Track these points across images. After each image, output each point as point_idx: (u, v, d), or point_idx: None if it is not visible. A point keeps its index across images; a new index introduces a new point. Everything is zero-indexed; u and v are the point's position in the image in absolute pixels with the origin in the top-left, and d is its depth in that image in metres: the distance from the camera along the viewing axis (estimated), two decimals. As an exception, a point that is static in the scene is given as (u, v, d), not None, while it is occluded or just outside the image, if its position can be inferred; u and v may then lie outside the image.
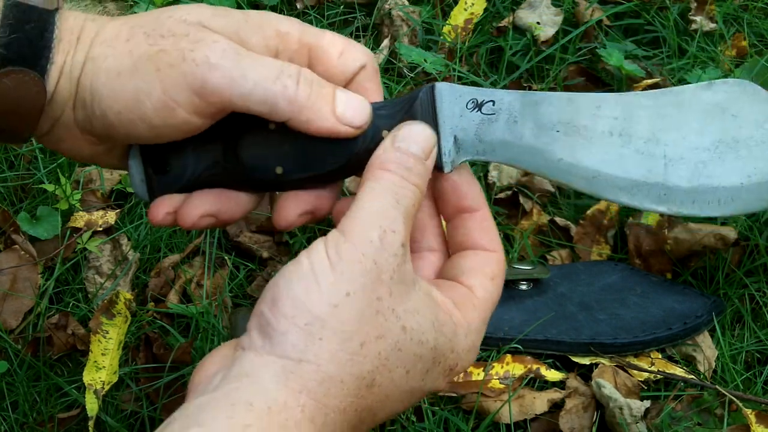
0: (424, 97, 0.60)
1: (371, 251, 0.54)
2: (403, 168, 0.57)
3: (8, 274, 1.11)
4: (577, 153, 0.61)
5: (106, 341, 1.04)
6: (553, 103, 0.61)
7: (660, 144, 0.61)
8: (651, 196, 0.61)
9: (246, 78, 0.56)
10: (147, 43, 0.57)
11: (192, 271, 1.13)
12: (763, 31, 1.48)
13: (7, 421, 0.99)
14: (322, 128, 0.58)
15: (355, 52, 0.62)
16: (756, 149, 0.61)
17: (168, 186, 0.61)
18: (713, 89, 0.62)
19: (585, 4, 1.48)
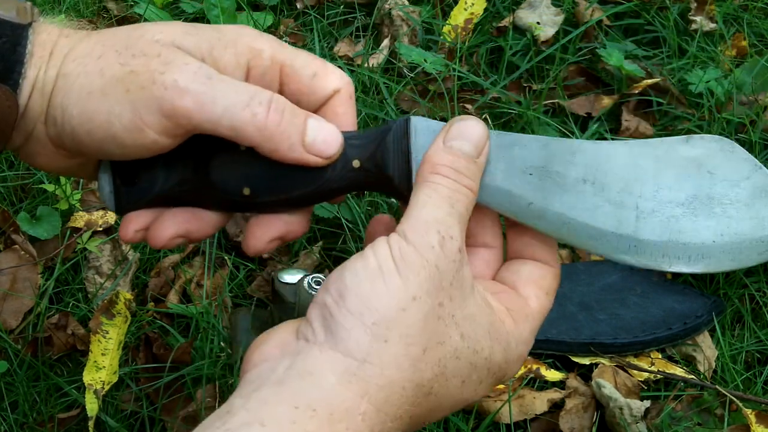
0: (397, 130, 0.60)
1: (433, 257, 0.54)
2: (455, 172, 0.57)
3: (8, 274, 1.11)
4: (548, 198, 0.60)
5: (106, 341, 1.04)
6: (528, 146, 0.60)
7: (633, 195, 0.60)
8: (621, 247, 0.60)
9: (215, 103, 0.56)
10: (118, 63, 0.56)
11: (192, 271, 1.13)
12: (763, 31, 1.48)
13: (7, 421, 0.99)
14: (289, 157, 0.58)
15: (330, 75, 0.61)
16: (730, 208, 0.60)
17: (136, 197, 0.61)
18: (691, 144, 0.61)
19: (585, 4, 1.48)
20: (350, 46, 1.46)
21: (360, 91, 1.34)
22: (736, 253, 0.61)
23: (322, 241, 1.17)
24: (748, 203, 0.60)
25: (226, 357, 1.04)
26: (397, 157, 0.60)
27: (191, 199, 0.61)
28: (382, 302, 0.53)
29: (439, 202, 0.56)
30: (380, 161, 0.60)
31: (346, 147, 0.59)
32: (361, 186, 0.61)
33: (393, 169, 0.60)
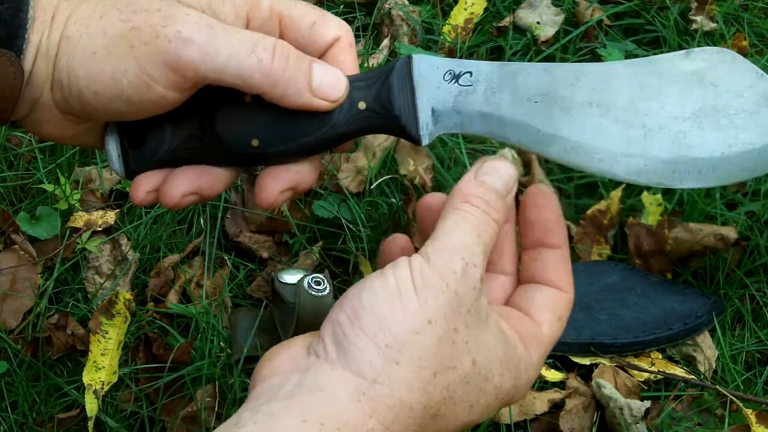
0: (400, 68, 0.60)
1: (453, 282, 0.54)
2: (485, 204, 0.58)
3: (8, 274, 1.11)
4: (555, 124, 0.60)
5: (105, 341, 1.04)
6: (531, 74, 0.60)
7: (639, 114, 0.60)
8: (631, 166, 0.60)
9: (219, 52, 0.56)
10: (120, 20, 0.56)
11: (192, 271, 1.13)
12: (763, 30, 1.48)
13: (6, 421, 0.99)
14: (297, 102, 0.58)
15: (329, 24, 0.61)
16: (736, 118, 0.60)
17: (144, 160, 0.61)
18: (692, 57, 0.61)
19: (585, 4, 1.48)
20: (350, 45, 1.46)
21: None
22: (746, 162, 0.60)
23: (322, 241, 1.17)
24: (753, 112, 0.60)
25: (225, 357, 1.04)
26: (402, 95, 0.60)
27: (200, 156, 0.60)
28: (397, 324, 0.52)
29: (467, 230, 0.56)
30: (386, 101, 0.60)
31: (351, 90, 0.59)
32: (368, 128, 0.61)
33: (399, 107, 0.60)
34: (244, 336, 1.06)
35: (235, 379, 1.01)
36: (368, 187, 1.20)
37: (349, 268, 1.15)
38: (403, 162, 1.22)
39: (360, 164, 1.22)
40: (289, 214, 1.17)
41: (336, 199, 1.19)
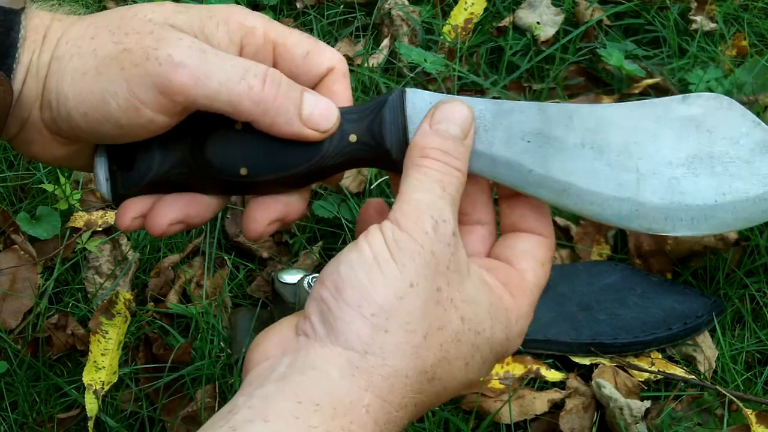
0: (393, 102, 0.59)
1: (428, 242, 0.54)
2: (444, 154, 0.57)
3: (8, 274, 1.11)
4: (547, 164, 0.59)
5: (105, 341, 1.04)
6: (525, 113, 0.60)
7: (633, 158, 0.59)
8: (622, 211, 0.59)
9: (211, 77, 0.55)
10: (111, 42, 0.56)
11: (192, 271, 1.13)
12: (763, 30, 1.48)
13: (6, 421, 0.99)
14: (287, 131, 0.58)
15: (323, 54, 0.61)
16: (731, 166, 0.59)
17: (132, 183, 0.60)
18: (688, 102, 0.60)
19: (585, 4, 1.48)
20: (350, 46, 1.46)
21: (360, 91, 1.34)
22: (740, 211, 0.60)
23: (322, 241, 1.17)
24: (748, 160, 0.60)
25: (226, 357, 1.04)
26: (394, 129, 0.59)
27: (188, 182, 0.60)
28: (379, 292, 0.52)
29: (430, 186, 0.56)
30: (377, 134, 0.59)
31: (342, 121, 0.59)
32: (358, 161, 0.60)
33: (390, 142, 0.59)
34: (244, 336, 1.06)
35: (235, 379, 1.01)
36: (368, 187, 1.20)
37: (349, 268, 1.15)
38: (403, 162, 1.22)
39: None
40: (289, 214, 1.17)
41: (336, 199, 1.19)
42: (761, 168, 0.59)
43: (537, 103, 0.61)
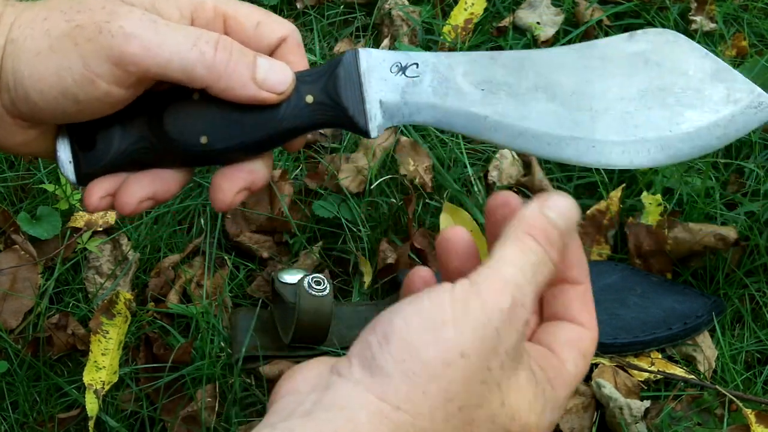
0: (347, 62, 0.60)
1: (497, 319, 0.51)
2: (547, 241, 0.55)
3: (8, 274, 1.11)
4: (502, 110, 0.60)
5: (106, 341, 1.04)
6: (477, 62, 0.61)
7: (585, 97, 0.60)
8: (580, 150, 0.60)
9: (162, 46, 0.56)
10: (64, 20, 0.57)
11: (192, 271, 1.13)
12: (763, 31, 1.48)
13: (7, 421, 1.00)
14: (242, 95, 0.58)
15: (274, 24, 0.61)
16: (683, 96, 0.61)
17: (95, 163, 0.61)
18: (635, 39, 0.61)
19: (585, 4, 1.48)
20: (350, 46, 1.46)
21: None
22: (695, 139, 0.61)
23: (322, 241, 1.17)
24: (699, 89, 0.61)
25: (226, 357, 1.04)
26: (350, 87, 0.60)
27: (150, 157, 0.61)
28: (428, 353, 0.50)
29: (523, 266, 0.53)
30: (333, 93, 0.60)
31: (298, 84, 0.60)
32: (317, 123, 0.61)
33: (346, 99, 0.60)
34: (244, 336, 1.06)
35: (235, 379, 1.01)
36: (368, 187, 1.20)
37: (349, 268, 1.15)
38: (403, 162, 1.22)
39: (360, 164, 1.22)
40: (290, 214, 1.18)
41: (336, 199, 1.19)
42: (712, 95, 0.60)
43: (489, 52, 0.62)
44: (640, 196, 1.20)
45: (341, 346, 1.05)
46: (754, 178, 1.22)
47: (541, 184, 1.23)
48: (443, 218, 1.17)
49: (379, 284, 1.13)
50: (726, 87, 0.61)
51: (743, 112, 0.61)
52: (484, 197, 1.20)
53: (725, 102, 0.61)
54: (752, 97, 0.61)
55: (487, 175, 1.24)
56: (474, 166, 1.24)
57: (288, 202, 1.19)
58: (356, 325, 1.07)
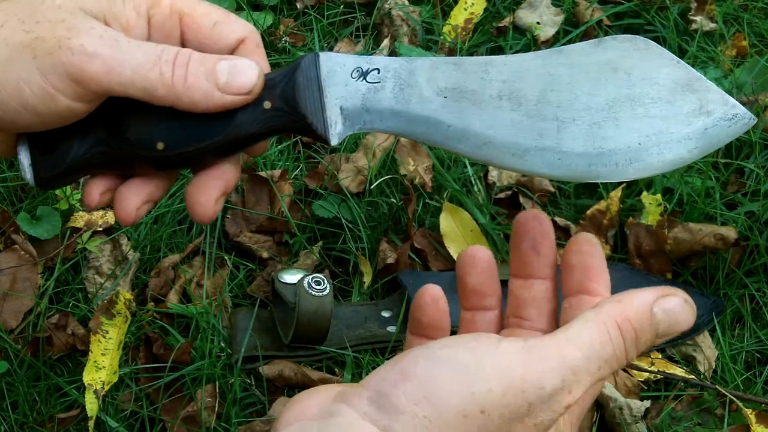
0: (306, 66, 0.59)
1: (534, 395, 0.49)
2: (635, 340, 0.51)
3: (8, 274, 1.11)
4: (466, 119, 0.58)
5: (106, 341, 1.04)
6: (440, 69, 0.59)
7: (551, 106, 0.58)
8: (545, 161, 0.58)
9: (123, 66, 0.55)
10: (22, 30, 0.56)
11: (192, 271, 1.13)
12: (763, 31, 1.48)
13: (7, 421, 0.99)
14: (209, 105, 0.57)
15: (232, 24, 0.60)
16: (653, 107, 0.57)
17: (54, 166, 0.60)
18: (604, 46, 0.59)
19: (585, 4, 1.48)
20: (350, 46, 1.46)
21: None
22: (665, 152, 0.58)
23: (322, 241, 1.17)
24: (669, 100, 0.58)
25: (226, 357, 1.04)
26: (309, 93, 0.59)
27: (109, 161, 0.60)
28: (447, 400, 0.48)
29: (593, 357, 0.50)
30: (291, 99, 0.59)
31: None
32: (276, 128, 0.59)
33: (305, 106, 0.59)
34: (243, 336, 1.06)
35: (235, 379, 1.01)
36: (368, 187, 1.20)
37: (349, 268, 1.15)
38: (403, 162, 1.22)
39: (360, 164, 1.22)
40: (290, 214, 1.18)
41: (336, 199, 1.19)
42: (683, 107, 0.58)
43: (453, 57, 0.60)
44: (640, 196, 1.20)
45: (340, 347, 1.05)
46: (754, 178, 1.22)
47: (541, 185, 1.23)
48: (443, 218, 1.17)
49: (379, 284, 1.13)
50: (698, 98, 0.58)
51: (716, 125, 0.58)
52: (484, 197, 1.20)
53: (697, 114, 0.58)
54: (725, 108, 0.58)
55: (487, 175, 1.24)
56: (474, 166, 1.24)
57: (288, 202, 1.19)
58: (356, 325, 1.07)
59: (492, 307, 0.61)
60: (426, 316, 0.59)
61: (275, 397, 1.01)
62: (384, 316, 1.09)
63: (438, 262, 1.16)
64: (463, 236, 1.16)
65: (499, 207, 1.21)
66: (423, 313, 0.59)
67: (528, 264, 0.60)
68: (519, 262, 0.61)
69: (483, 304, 0.61)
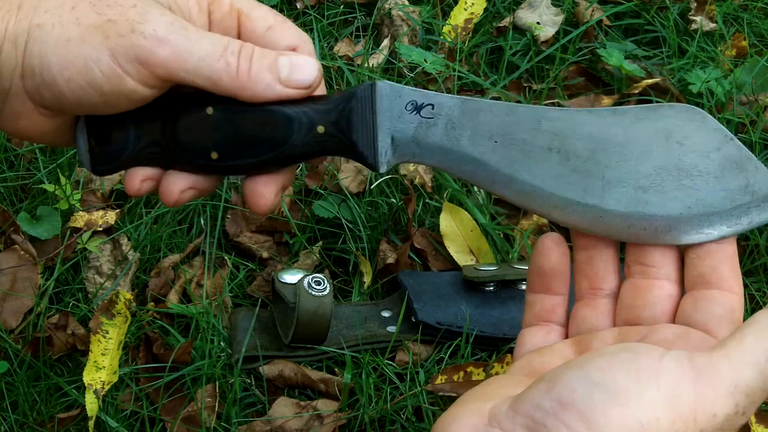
0: (363, 94, 0.60)
1: (707, 423, 0.47)
2: None
3: (8, 274, 1.11)
4: (514, 166, 0.59)
5: (106, 341, 1.04)
6: (494, 113, 0.59)
7: (599, 165, 0.59)
8: (586, 216, 0.59)
9: (192, 53, 0.57)
10: (94, 12, 0.57)
11: (192, 271, 1.13)
12: (763, 31, 1.48)
13: (7, 421, 1.00)
14: (271, 96, 0.58)
15: (286, 31, 0.62)
16: (699, 180, 0.58)
17: (110, 159, 0.62)
18: (660, 113, 0.59)
19: (585, 4, 1.48)
20: (350, 46, 1.46)
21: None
22: (705, 225, 0.58)
23: (322, 241, 1.17)
24: (718, 175, 0.58)
25: (225, 357, 1.04)
26: (362, 121, 0.60)
27: (162, 162, 0.62)
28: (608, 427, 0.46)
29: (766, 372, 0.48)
30: (345, 127, 0.60)
31: (311, 112, 0.60)
32: (325, 151, 0.61)
33: (357, 134, 0.60)
34: (243, 336, 1.06)
35: (235, 379, 1.01)
36: (368, 187, 1.20)
37: (349, 268, 1.15)
38: (403, 162, 1.22)
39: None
40: (290, 214, 1.18)
41: (336, 199, 1.19)
42: (730, 184, 0.58)
43: (506, 103, 0.60)
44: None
45: (340, 347, 1.05)
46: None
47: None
48: (443, 218, 1.17)
49: (379, 284, 1.13)
50: (746, 177, 0.58)
51: (759, 205, 0.58)
52: (484, 197, 1.20)
53: (743, 192, 0.58)
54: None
55: (487, 175, 1.24)
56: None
57: (288, 202, 1.19)
58: (356, 325, 1.07)
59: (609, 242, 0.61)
60: (549, 261, 0.60)
61: (275, 397, 1.01)
62: (384, 316, 1.09)
63: (438, 262, 1.16)
64: (463, 236, 1.16)
65: (499, 207, 1.21)
66: (546, 258, 0.60)
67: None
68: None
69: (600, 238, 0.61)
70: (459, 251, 1.15)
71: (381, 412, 0.99)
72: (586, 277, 0.61)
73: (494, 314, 1.08)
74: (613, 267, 0.61)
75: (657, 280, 0.58)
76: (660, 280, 0.58)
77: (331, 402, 1.00)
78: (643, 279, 0.59)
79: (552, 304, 0.61)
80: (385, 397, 1.00)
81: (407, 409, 0.99)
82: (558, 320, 0.62)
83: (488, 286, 1.10)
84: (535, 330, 0.61)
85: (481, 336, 1.05)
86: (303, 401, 1.00)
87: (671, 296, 0.58)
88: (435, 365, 1.04)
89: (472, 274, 1.09)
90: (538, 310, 0.62)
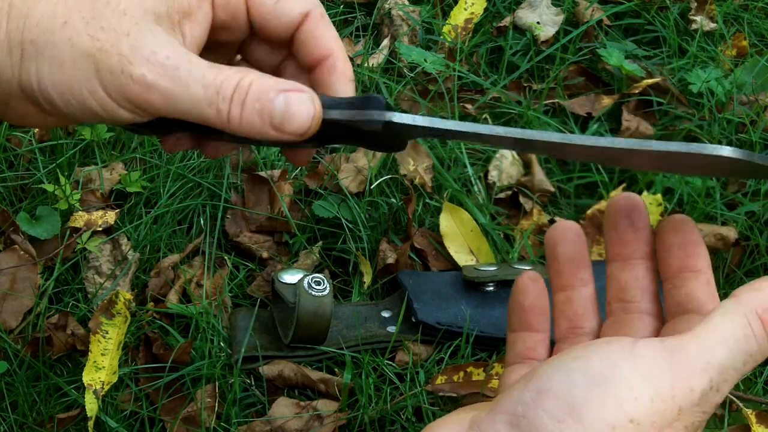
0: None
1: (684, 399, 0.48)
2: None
3: (8, 274, 1.11)
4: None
5: (105, 341, 1.04)
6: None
7: None
8: None
9: (181, 101, 0.56)
10: (87, 34, 0.56)
11: (192, 271, 1.13)
12: (763, 30, 1.48)
13: (6, 421, 0.99)
14: (263, 139, 0.58)
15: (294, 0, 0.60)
16: None
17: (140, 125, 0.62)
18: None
19: (585, 4, 1.48)
20: (350, 45, 1.46)
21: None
22: None
23: (322, 241, 1.17)
24: None
25: (225, 357, 1.04)
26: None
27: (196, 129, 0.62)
28: (593, 413, 0.46)
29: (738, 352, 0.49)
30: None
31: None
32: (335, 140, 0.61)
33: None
34: (243, 336, 1.06)
35: (235, 379, 1.01)
36: (368, 187, 1.20)
37: (349, 268, 1.15)
38: (403, 162, 1.22)
39: (360, 164, 1.22)
40: (289, 214, 1.17)
41: (336, 199, 1.19)
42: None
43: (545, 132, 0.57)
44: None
45: (340, 347, 1.05)
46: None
47: (541, 185, 1.23)
48: (443, 218, 1.17)
49: (379, 284, 1.13)
50: None
51: None
52: (484, 197, 1.20)
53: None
54: None
55: (487, 175, 1.24)
56: (474, 166, 1.24)
57: (288, 202, 1.19)
58: (356, 325, 1.07)
59: (586, 281, 0.61)
60: (528, 298, 0.59)
61: (275, 397, 1.01)
62: (384, 316, 1.09)
63: (438, 262, 1.16)
64: (463, 236, 1.16)
65: (499, 207, 1.21)
66: (524, 295, 0.59)
67: (626, 243, 0.60)
68: (617, 243, 0.61)
69: (577, 278, 0.61)
70: (459, 251, 1.15)
71: (381, 412, 0.99)
72: (566, 318, 0.60)
73: (494, 314, 1.07)
74: (592, 307, 0.61)
75: (638, 314, 0.58)
76: (641, 314, 0.58)
77: (331, 402, 1.00)
78: (624, 314, 0.59)
79: (534, 342, 0.60)
80: (385, 397, 1.00)
81: (407, 409, 0.99)
82: (541, 358, 0.60)
83: (488, 286, 1.10)
84: (518, 368, 0.60)
85: (481, 336, 1.05)
86: (303, 401, 1.00)
87: (653, 328, 0.58)
88: (435, 365, 1.04)
89: (472, 274, 1.09)
90: (520, 349, 0.60)
